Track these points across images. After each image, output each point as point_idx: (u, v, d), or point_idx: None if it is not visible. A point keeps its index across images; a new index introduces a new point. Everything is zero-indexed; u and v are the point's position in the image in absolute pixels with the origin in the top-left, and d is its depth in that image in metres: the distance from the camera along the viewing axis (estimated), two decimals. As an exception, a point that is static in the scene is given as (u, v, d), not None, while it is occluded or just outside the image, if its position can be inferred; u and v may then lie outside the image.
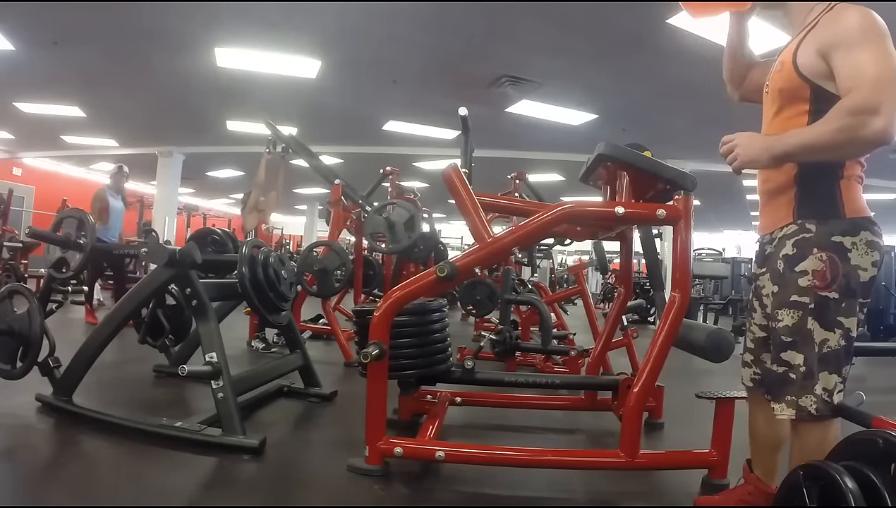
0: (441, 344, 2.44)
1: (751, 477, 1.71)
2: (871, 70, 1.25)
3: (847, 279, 1.33)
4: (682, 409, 2.94)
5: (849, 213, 1.36)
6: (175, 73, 6.40)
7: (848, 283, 1.34)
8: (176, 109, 8.07)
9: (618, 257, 3.12)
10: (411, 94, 6.96)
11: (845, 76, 1.29)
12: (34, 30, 5.41)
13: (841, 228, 1.35)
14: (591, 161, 2.20)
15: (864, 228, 1.35)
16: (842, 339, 1.35)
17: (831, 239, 1.35)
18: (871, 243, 1.35)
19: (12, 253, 7.83)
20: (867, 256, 1.34)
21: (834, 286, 1.33)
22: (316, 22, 4.97)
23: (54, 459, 2.07)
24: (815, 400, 1.35)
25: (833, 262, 1.33)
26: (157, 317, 3.09)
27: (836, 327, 1.35)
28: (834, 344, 1.35)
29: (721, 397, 1.99)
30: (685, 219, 1.90)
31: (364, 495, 1.83)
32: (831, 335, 1.35)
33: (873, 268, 1.35)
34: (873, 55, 1.27)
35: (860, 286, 1.35)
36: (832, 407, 1.37)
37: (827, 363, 1.35)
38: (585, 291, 4.86)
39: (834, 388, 1.36)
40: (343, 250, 4.40)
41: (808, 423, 1.39)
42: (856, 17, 1.31)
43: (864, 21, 1.31)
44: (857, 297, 1.35)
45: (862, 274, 1.34)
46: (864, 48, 1.28)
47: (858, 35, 1.29)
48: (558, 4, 4.39)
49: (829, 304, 1.34)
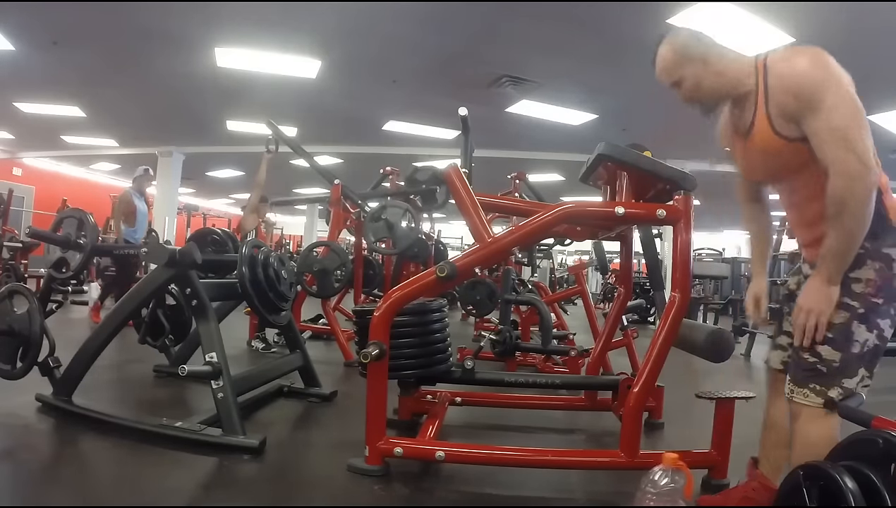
0: (441, 344, 2.44)
1: (755, 474, 1.71)
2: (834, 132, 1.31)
3: (890, 285, 1.41)
4: (682, 409, 2.94)
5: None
6: (175, 73, 6.40)
7: (892, 290, 1.42)
8: (176, 109, 8.07)
9: (618, 257, 3.12)
10: (411, 94, 6.96)
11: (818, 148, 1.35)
12: (34, 30, 5.42)
13: (891, 240, 1.42)
14: (591, 161, 2.20)
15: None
16: (877, 339, 1.43)
17: (882, 250, 1.42)
18: None
19: (12, 253, 7.82)
20: None
21: (882, 293, 1.41)
22: (316, 22, 4.97)
23: (54, 459, 2.07)
24: (843, 392, 1.41)
25: (884, 272, 1.41)
26: (157, 317, 3.09)
27: (875, 328, 1.42)
28: (871, 343, 1.43)
29: (721, 397, 1.99)
30: (685, 219, 1.90)
31: (364, 495, 1.83)
32: (870, 335, 1.42)
33: None
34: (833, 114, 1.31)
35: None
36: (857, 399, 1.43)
37: (863, 359, 1.43)
38: (585, 291, 4.86)
39: (861, 381, 1.43)
40: (343, 250, 4.40)
41: (815, 417, 1.44)
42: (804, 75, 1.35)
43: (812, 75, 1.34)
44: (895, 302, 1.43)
45: None
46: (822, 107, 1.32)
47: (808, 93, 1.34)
48: (558, 4, 4.39)
49: (876, 309, 1.42)
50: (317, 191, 13.98)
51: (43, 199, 12.56)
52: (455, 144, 7.80)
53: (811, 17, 4.36)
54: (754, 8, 4.29)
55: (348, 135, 9.10)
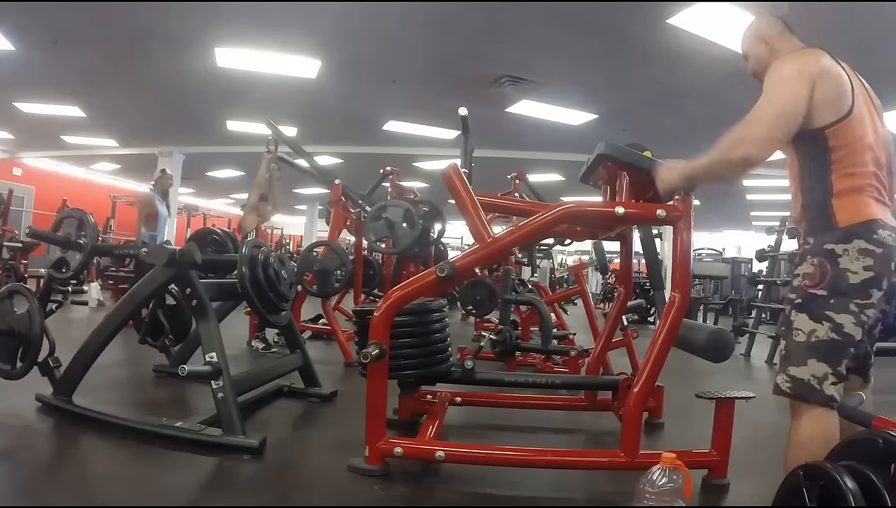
0: (441, 344, 2.44)
1: None
2: (754, 113, 1.54)
3: (835, 280, 1.48)
4: (682, 409, 2.94)
5: (841, 224, 1.50)
6: (175, 73, 6.39)
7: (836, 284, 1.48)
8: (176, 109, 8.07)
9: (618, 257, 3.12)
10: (411, 94, 6.96)
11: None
12: (34, 30, 5.41)
13: (834, 237, 1.50)
14: (591, 161, 2.20)
15: (857, 236, 1.48)
16: (831, 332, 1.48)
17: (825, 246, 1.51)
18: (863, 250, 1.47)
19: (12, 253, 7.82)
20: (858, 261, 1.47)
21: (822, 285, 1.49)
22: (316, 22, 4.97)
23: (54, 459, 2.07)
24: (788, 380, 1.51)
25: (824, 266, 1.50)
26: (157, 317, 3.09)
27: (824, 320, 1.48)
28: (823, 335, 1.48)
29: (721, 397, 1.99)
30: (685, 219, 1.91)
31: (364, 495, 1.83)
32: (819, 326, 1.49)
33: (866, 272, 1.46)
34: (763, 101, 1.55)
35: (850, 287, 1.47)
36: (822, 395, 1.46)
37: (815, 351, 1.49)
38: (585, 291, 4.86)
39: (824, 377, 1.46)
40: (343, 250, 4.40)
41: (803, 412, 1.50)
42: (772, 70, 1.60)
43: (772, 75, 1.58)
44: (850, 297, 1.47)
45: (852, 277, 1.47)
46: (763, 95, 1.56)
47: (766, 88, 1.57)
48: (558, 5, 4.39)
49: (816, 300, 1.50)
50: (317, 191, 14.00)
51: (43, 199, 12.56)
52: (455, 144, 7.80)
53: (811, 17, 4.36)
54: (754, 8, 4.28)
55: (348, 135, 9.10)
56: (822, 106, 1.51)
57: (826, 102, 1.50)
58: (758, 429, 2.80)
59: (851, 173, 1.52)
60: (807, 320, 1.51)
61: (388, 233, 3.72)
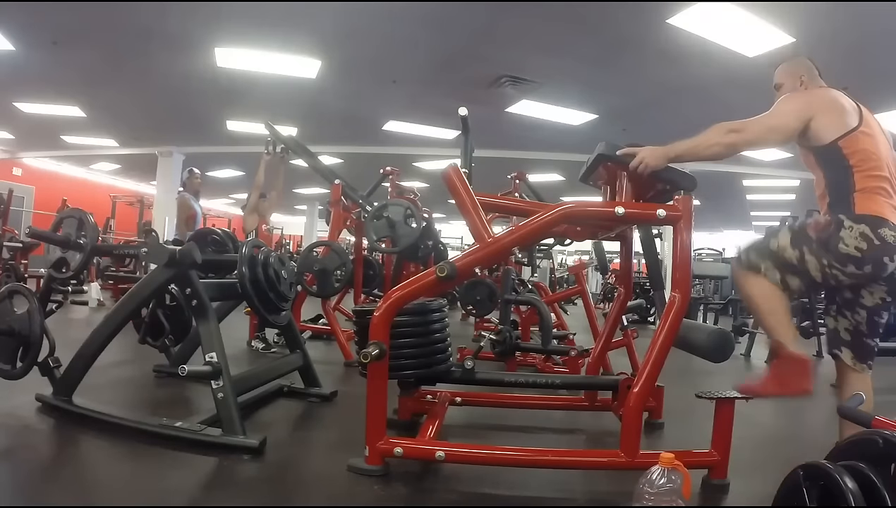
0: (441, 344, 2.44)
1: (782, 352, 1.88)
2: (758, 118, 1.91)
3: (830, 237, 1.78)
4: (682, 409, 2.94)
5: (858, 211, 1.80)
6: (175, 73, 6.40)
7: (828, 240, 1.79)
8: (176, 109, 8.07)
9: (618, 257, 3.12)
10: (411, 94, 6.96)
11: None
12: (34, 30, 5.42)
13: (848, 215, 1.80)
14: (591, 161, 2.20)
15: (865, 222, 1.77)
16: (795, 259, 1.84)
17: (838, 215, 1.82)
18: (863, 234, 1.75)
19: (12, 253, 7.82)
20: (855, 240, 1.76)
21: (818, 233, 1.82)
22: (316, 22, 4.97)
23: (54, 459, 2.07)
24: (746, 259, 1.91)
25: (829, 224, 1.80)
26: (157, 317, 3.09)
27: (797, 249, 1.84)
28: (789, 256, 1.85)
29: (721, 397, 1.99)
30: (685, 219, 1.91)
31: (364, 495, 1.83)
32: (790, 250, 1.85)
33: (856, 251, 1.75)
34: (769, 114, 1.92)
35: (836, 250, 1.77)
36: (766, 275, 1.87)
37: (775, 259, 1.87)
38: (585, 291, 4.86)
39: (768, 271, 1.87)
40: (343, 250, 4.40)
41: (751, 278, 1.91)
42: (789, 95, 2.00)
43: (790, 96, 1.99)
44: (830, 254, 1.78)
45: (842, 246, 1.76)
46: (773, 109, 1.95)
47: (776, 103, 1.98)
48: (558, 4, 4.39)
49: (806, 237, 1.84)
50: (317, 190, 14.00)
51: (43, 199, 12.56)
52: (455, 144, 7.80)
53: (811, 17, 4.37)
54: (754, 8, 4.29)
55: (348, 135, 9.10)
56: (827, 126, 1.86)
57: (830, 122, 1.86)
58: (758, 429, 2.81)
59: (869, 175, 1.82)
60: (787, 240, 1.86)
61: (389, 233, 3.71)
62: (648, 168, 1.92)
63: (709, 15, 4.36)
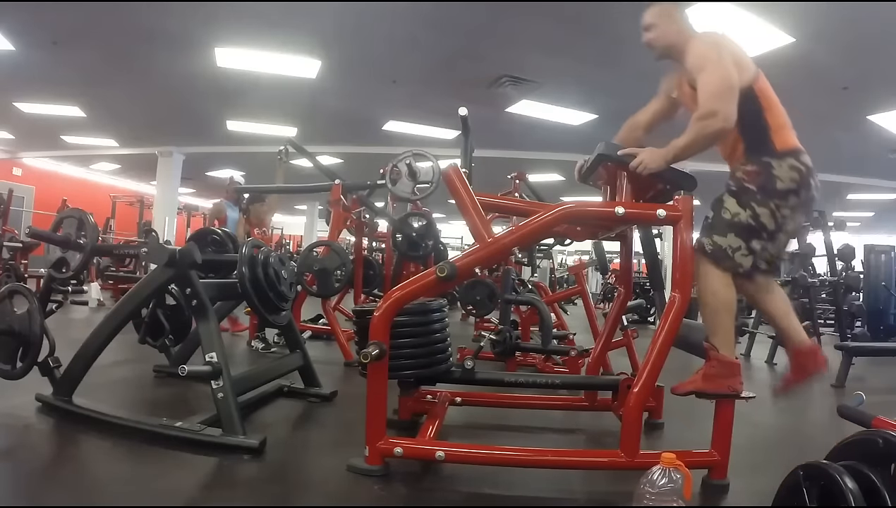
0: (441, 344, 2.44)
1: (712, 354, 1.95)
2: (707, 87, 1.89)
3: (766, 181, 1.90)
4: (682, 409, 2.93)
5: (778, 148, 1.94)
6: (175, 73, 6.40)
7: (766, 184, 1.90)
8: (176, 109, 8.07)
9: (618, 257, 3.11)
10: (411, 94, 6.96)
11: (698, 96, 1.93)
12: (34, 30, 5.42)
13: (772, 155, 1.93)
14: (591, 161, 2.20)
15: (789, 156, 1.93)
16: (751, 219, 1.90)
17: (762, 159, 1.94)
18: (792, 166, 1.91)
19: (12, 253, 7.82)
20: (787, 173, 1.90)
21: (755, 183, 1.91)
22: (316, 22, 4.98)
23: (54, 459, 2.07)
24: (710, 243, 1.92)
25: (759, 170, 1.92)
26: (157, 317, 3.09)
27: (746, 207, 1.90)
28: (743, 218, 1.90)
29: (721, 397, 1.98)
30: (685, 219, 1.91)
31: (364, 495, 1.83)
32: (742, 211, 1.90)
33: (792, 183, 1.90)
34: (709, 75, 1.90)
35: (776, 190, 1.90)
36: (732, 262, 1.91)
37: (734, 228, 1.91)
38: (585, 291, 4.86)
39: (738, 249, 1.90)
40: (343, 250, 4.40)
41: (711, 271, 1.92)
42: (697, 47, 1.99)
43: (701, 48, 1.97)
44: (772, 197, 1.90)
45: (779, 183, 1.90)
46: (703, 71, 1.92)
47: (699, 62, 1.95)
48: (558, 4, 4.39)
49: (747, 191, 1.92)
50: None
51: (43, 199, 12.56)
52: (455, 144, 7.80)
53: (811, 17, 4.37)
54: (754, 8, 4.29)
55: (348, 135, 9.10)
56: (742, 70, 1.93)
57: (744, 66, 1.94)
58: (757, 429, 2.81)
59: (778, 112, 1.97)
60: (734, 204, 1.92)
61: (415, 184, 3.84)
62: (647, 169, 1.95)
63: (709, 15, 4.36)
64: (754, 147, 1.97)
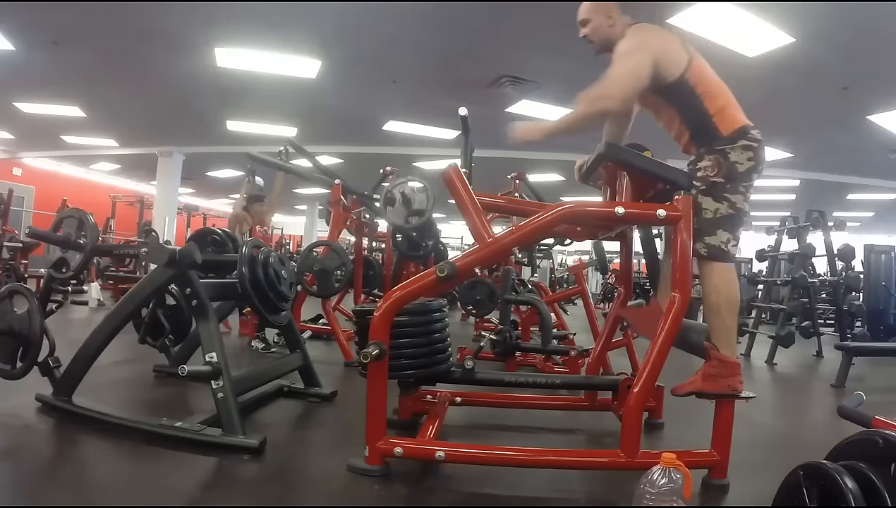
0: (441, 345, 2.44)
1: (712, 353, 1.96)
2: (610, 73, 1.99)
3: (728, 170, 1.94)
4: (682, 409, 2.94)
5: (724, 133, 1.97)
6: (175, 73, 6.40)
7: (729, 173, 1.94)
8: (176, 109, 8.07)
9: (618, 257, 3.11)
10: (411, 94, 6.96)
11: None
12: (34, 30, 5.42)
13: (722, 142, 1.96)
14: (591, 161, 2.20)
15: (739, 138, 1.96)
16: (730, 209, 1.95)
17: (715, 148, 1.97)
18: (745, 145, 1.95)
19: (12, 253, 7.82)
20: (742, 154, 1.95)
21: (720, 174, 1.94)
22: (316, 22, 4.97)
23: (54, 459, 2.07)
24: (704, 246, 1.95)
25: (718, 161, 1.95)
26: (157, 317, 3.09)
27: (722, 201, 1.95)
28: (724, 211, 1.94)
29: (721, 397, 1.98)
30: (685, 219, 1.91)
31: (364, 495, 1.83)
32: (720, 205, 1.95)
33: (749, 162, 1.95)
34: (617, 66, 2.00)
35: (739, 175, 1.95)
36: (728, 256, 1.96)
37: (721, 223, 1.94)
38: (585, 291, 4.86)
39: (727, 241, 1.96)
40: (343, 250, 4.40)
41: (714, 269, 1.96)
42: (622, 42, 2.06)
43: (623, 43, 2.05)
44: (739, 182, 1.95)
45: (739, 167, 1.94)
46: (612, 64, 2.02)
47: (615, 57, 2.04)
48: (558, 4, 4.39)
49: (716, 186, 1.95)
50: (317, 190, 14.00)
51: (43, 199, 12.56)
52: (455, 144, 7.80)
53: (811, 17, 4.37)
54: (754, 8, 4.29)
55: (348, 135, 9.10)
56: (673, 62, 1.97)
57: (674, 57, 1.98)
58: (758, 429, 2.81)
59: (716, 95, 1.99)
60: (711, 202, 1.95)
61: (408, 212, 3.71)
62: (517, 141, 2.09)
63: (709, 15, 4.37)
64: (701, 136, 2.01)
